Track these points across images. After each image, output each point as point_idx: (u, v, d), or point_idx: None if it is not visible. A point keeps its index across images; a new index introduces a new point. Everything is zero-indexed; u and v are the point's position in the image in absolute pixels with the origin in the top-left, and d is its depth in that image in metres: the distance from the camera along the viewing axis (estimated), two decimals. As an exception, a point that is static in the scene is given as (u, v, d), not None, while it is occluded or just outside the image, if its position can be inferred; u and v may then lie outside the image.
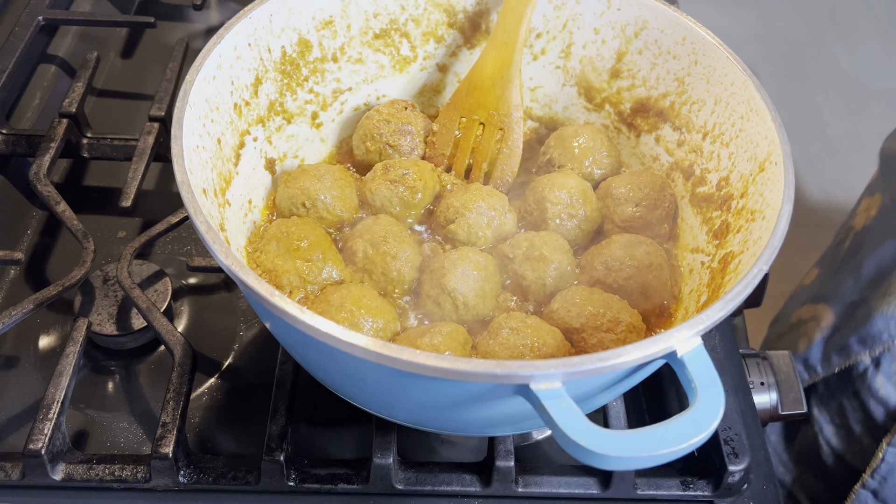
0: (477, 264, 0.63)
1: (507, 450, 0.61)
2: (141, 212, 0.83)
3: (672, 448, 0.44)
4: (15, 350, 0.72)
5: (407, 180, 0.69)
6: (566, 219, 0.68)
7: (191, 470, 0.61)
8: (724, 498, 0.64)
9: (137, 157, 0.79)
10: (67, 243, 0.81)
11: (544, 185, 0.69)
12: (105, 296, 0.72)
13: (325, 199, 0.68)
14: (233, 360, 0.73)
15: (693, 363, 0.47)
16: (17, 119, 0.89)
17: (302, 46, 0.71)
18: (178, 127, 0.56)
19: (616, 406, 0.65)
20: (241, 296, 0.77)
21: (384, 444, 0.61)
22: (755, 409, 0.70)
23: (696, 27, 0.69)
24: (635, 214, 0.69)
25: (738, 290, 0.50)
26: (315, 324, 0.46)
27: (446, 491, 0.62)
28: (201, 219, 0.51)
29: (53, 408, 0.60)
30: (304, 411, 0.68)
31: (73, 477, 0.61)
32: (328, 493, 0.62)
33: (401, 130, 0.73)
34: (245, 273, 0.48)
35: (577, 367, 0.45)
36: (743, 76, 0.65)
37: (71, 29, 1.01)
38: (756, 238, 0.57)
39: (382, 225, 0.66)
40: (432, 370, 0.45)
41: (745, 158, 0.63)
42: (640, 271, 0.64)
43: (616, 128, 0.77)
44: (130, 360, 0.72)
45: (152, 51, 1.04)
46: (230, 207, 0.64)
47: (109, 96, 0.98)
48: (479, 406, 0.52)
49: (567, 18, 0.75)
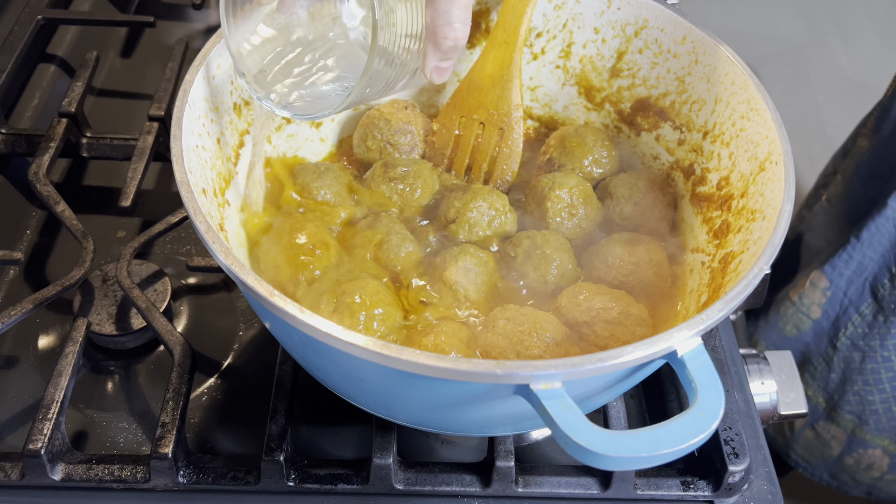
0: (479, 259, 0.63)
1: (507, 450, 0.61)
2: (140, 212, 0.83)
3: (672, 448, 0.44)
4: (14, 350, 0.72)
5: (406, 178, 0.69)
6: (566, 217, 0.69)
7: (190, 470, 0.61)
8: (725, 498, 0.64)
9: (137, 157, 0.79)
10: (67, 243, 0.81)
11: (544, 185, 0.69)
12: (104, 296, 0.72)
13: (324, 194, 0.68)
14: (232, 360, 0.72)
15: (693, 363, 0.47)
16: (16, 118, 0.89)
17: (302, 46, 0.71)
18: (178, 126, 0.56)
19: (616, 406, 0.65)
20: (240, 296, 0.77)
21: (384, 444, 0.61)
22: (755, 409, 0.70)
23: (697, 27, 0.69)
24: (635, 213, 0.69)
25: (739, 289, 0.50)
26: (315, 323, 0.46)
27: (446, 491, 0.62)
28: (201, 219, 0.51)
29: (53, 408, 0.60)
30: (304, 411, 0.68)
31: (73, 477, 0.60)
32: (328, 493, 0.62)
33: (401, 129, 0.73)
34: (245, 273, 0.48)
35: (577, 367, 0.45)
36: (743, 75, 0.64)
37: (70, 28, 1.01)
38: (756, 238, 0.57)
39: (384, 223, 0.66)
40: (432, 370, 0.45)
41: (746, 158, 0.63)
42: (640, 268, 0.64)
43: (616, 127, 0.77)
44: (130, 360, 0.72)
45: (152, 50, 1.04)
46: (230, 207, 0.64)
47: (109, 96, 0.98)
48: (479, 406, 0.52)
49: (567, 18, 0.75)
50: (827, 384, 1.17)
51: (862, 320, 1.10)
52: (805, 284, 1.17)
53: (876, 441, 1.15)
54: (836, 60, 2.64)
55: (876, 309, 1.08)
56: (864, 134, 1.19)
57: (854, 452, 1.17)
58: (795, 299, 1.18)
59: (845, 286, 1.11)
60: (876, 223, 1.05)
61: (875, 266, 1.08)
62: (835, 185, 1.24)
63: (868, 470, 1.18)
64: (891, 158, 1.09)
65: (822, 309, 1.15)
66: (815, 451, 1.22)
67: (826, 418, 1.19)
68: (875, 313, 1.09)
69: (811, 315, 1.16)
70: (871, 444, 1.16)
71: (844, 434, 1.17)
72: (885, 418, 1.13)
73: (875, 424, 1.14)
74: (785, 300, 1.21)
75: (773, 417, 0.75)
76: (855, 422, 1.15)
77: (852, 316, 1.12)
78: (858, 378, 1.12)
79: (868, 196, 1.11)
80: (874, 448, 1.16)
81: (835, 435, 1.19)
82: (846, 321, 1.12)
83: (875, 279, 1.08)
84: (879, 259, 1.07)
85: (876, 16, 2.78)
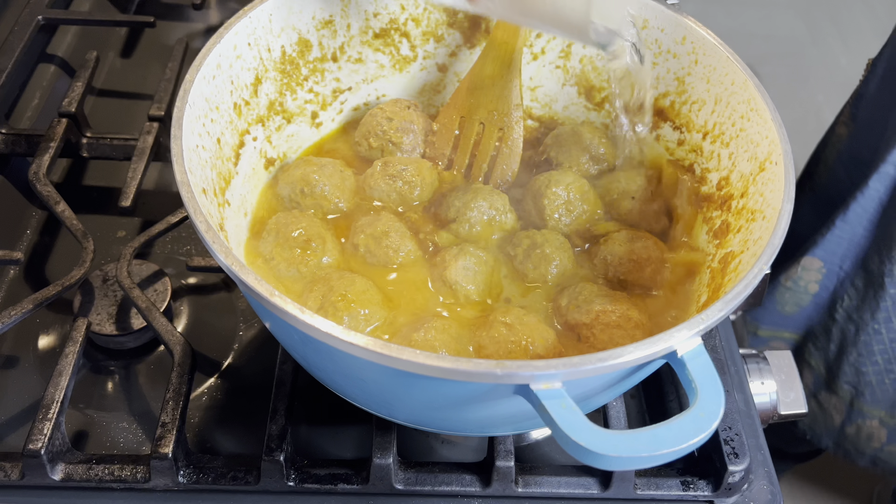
0: (478, 259, 0.64)
1: (507, 450, 0.61)
2: (140, 211, 0.83)
3: (672, 448, 0.44)
4: (14, 350, 0.72)
5: (405, 176, 0.69)
6: (564, 214, 0.69)
7: (190, 470, 0.61)
8: (725, 498, 0.64)
9: (137, 157, 0.79)
10: (67, 243, 0.81)
11: (541, 183, 0.70)
12: (104, 296, 0.72)
13: (323, 187, 0.68)
14: (232, 360, 0.73)
15: (693, 363, 0.47)
16: (16, 119, 0.89)
17: (302, 46, 0.71)
18: (178, 127, 0.56)
19: (616, 406, 0.65)
20: (240, 296, 0.77)
21: (384, 444, 0.61)
22: (755, 409, 0.70)
23: (697, 27, 0.69)
24: (633, 208, 0.69)
25: (739, 290, 0.50)
26: (314, 323, 0.46)
27: (446, 491, 0.62)
28: (201, 218, 0.51)
29: (53, 408, 0.60)
30: (304, 411, 0.68)
31: (73, 477, 0.60)
32: (328, 493, 0.62)
33: (403, 128, 0.73)
34: (245, 273, 0.48)
35: (577, 367, 0.45)
36: (743, 76, 0.65)
37: (70, 28, 1.01)
38: (756, 238, 0.57)
39: (384, 220, 0.66)
40: (432, 370, 0.45)
41: (746, 158, 0.63)
42: (640, 265, 0.64)
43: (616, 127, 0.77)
44: (130, 360, 0.72)
45: (152, 50, 1.04)
46: (230, 207, 0.64)
47: (109, 96, 0.98)
48: (479, 406, 0.52)
49: (567, 18, 0.75)
50: (826, 354, 1.20)
51: (856, 293, 1.14)
52: (797, 270, 1.20)
53: (872, 412, 1.18)
54: (836, 60, 2.64)
55: (866, 282, 1.12)
56: (841, 122, 1.24)
57: (854, 423, 1.20)
58: (790, 284, 1.22)
59: (839, 261, 1.15)
60: (860, 204, 1.10)
61: (865, 242, 1.12)
62: (818, 174, 1.28)
63: (868, 440, 1.20)
64: (870, 142, 1.13)
65: (819, 284, 1.19)
66: (819, 421, 1.25)
67: (826, 388, 1.22)
68: (865, 286, 1.12)
69: (809, 291, 1.20)
70: (867, 415, 1.18)
71: (843, 404, 1.20)
72: (878, 390, 1.15)
73: (870, 396, 1.16)
74: (779, 286, 1.24)
75: (773, 417, 0.75)
76: (852, 392, 1.18)
77: (847, 288, 1.15)
78: (853, 350, 1.15)
79: (852, 180, 1.15)
80: (871, 419, 1.18)
81: (835, 405, 1.22)
82: (842, 293, 1.16)
83: (866, 255, 1.12)
84: (868, 235, 1.11)
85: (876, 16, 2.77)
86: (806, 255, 1.18)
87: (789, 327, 1.25)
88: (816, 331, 1.21)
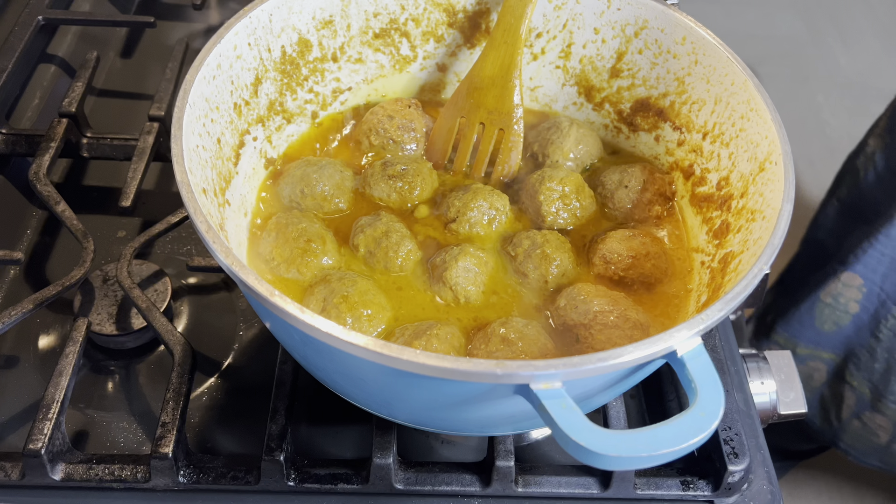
0: (479, 259, 0.64)
1: (507, 450, 0.61)
2: (141, 212, 0.83)
3: (672, 448, 0.44)
4: (15, 350, 0.72)
5: (405, 175, 0.69)
6: (561, 208, 0.69)
7: (190, 470, 0.61)
8: (724, 498, 0.64)
9: (137, 157, 0.79)
10: (67, 243, 0.81)
11: (535, 180, 0.70)
12: (105, 296, 0.72)
13: (323, 187, 0.68)
14: (232, 359, 0.73)
15: (693, 363, 0.47)
16: (16, 119, 0.89)
17: (302, 46, 0.71)
18: (178, 127, 0.56)
19: (616, 406, 0.65)
20: (241, 296, 0.77)
21: (384, 443, 0.61)
22: (755, 409, 0.70)
23: (697, 27, 0.69)
24: (627, 198, 0.70)
25: (738, 290, 0.50)
26: (315, 323, 0.46)
27: (446, 491, 0.62)
28: (201, 218, 0.51)
29: (53, 408, 0.60)
30: (304, 411, 0.68)
31: (73, 477, 0.61)
32: (328, 493, 0.62)
33: (404, 127, 0.73)
34: (245, 273, 0.48)
35: (577, 367, 0.45)
36: (743, 76, 0.65)
37: (71, 29, 1.01)
38: (756, 238, 0.57)
39: (384, 221, 0.66)
40: (432, 370, 0.45)
41: (745, 158, 0.63)
42: (639, 261, 0.65)
43: (616, 127, 0.77)
44: (130, 360, 0.72)
45: (152, 51, 1.04)
46: (230, 207, 0.64)
47: (109, 96, 0.98)
48: (479, 406, 0.52)
49: (567, 18, 0.75)
50: (872, 375, 1.20)
51: None
52: (837, 286, 1.19)
53: None
54: (836, 60, 2.65)
55: None
56: (876, 134, 1.22)
57: None
58: (829, 300, 1.22)
59: (880, 281, 1.15)
60: None
61: None
62: (846, 185, 1.26)
63: None
64: None
65: (859, 304, 1.19)
66: (863, 440, 1.26)
67: (871, 408, 1.22)
68: None
69: (849, 310, 1.20)
70: None
71: (890, 423, 1.21)
72: None
73: None
74: (818, 302, 1.24)
75: (773, 417, 0.75)
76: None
77: (891, 308, 1.15)
78: None
79: (886, 193, 1.14)
80: None
81: (881, 424, 1.22)
82: (885, 313, 1.16)
83: None
84: None
85: (876, 16, 2.78)
86: (847, 270, 1.18)
87: (828, 347, 1.25)
88: (858, 352, 1.20)
